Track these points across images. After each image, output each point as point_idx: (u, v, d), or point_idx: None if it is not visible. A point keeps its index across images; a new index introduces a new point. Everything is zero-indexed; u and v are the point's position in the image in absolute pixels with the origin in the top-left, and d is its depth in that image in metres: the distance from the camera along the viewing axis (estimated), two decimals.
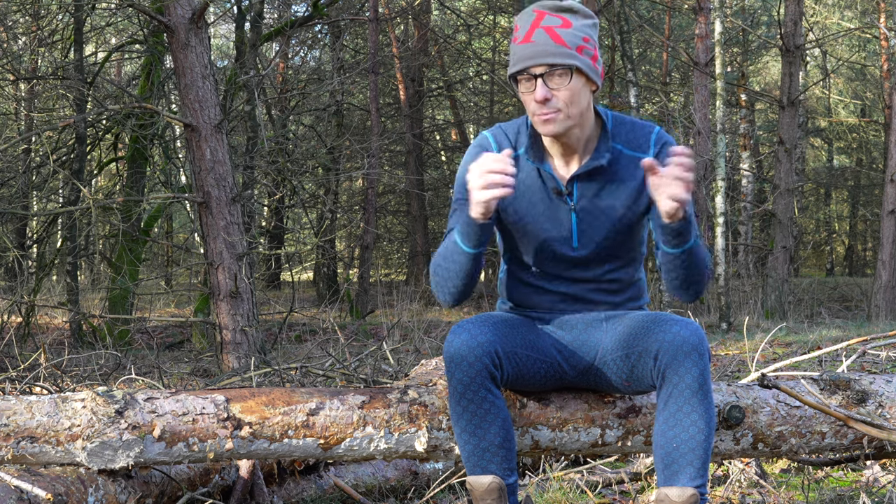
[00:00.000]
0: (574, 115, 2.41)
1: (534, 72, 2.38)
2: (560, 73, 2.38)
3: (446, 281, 2.49)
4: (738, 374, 5.87)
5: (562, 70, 2.37)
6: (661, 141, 2.51)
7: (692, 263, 2.43)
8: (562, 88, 2.38)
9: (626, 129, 2.52)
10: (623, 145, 2.51)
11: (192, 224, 10.55)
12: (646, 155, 2.49)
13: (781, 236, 12.04)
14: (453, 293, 2.50)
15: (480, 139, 2.58)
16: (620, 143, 2.51)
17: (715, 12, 11.67)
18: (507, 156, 2.30)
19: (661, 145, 2.51)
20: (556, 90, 2.38)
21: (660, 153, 2.50)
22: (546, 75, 2.38)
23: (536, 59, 2.37)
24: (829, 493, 3.38)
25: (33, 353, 5.71)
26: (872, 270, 18.07)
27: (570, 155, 2.50)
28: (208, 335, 8.98)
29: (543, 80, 2.38)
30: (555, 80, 2.38)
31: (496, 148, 2.53)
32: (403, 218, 19.30)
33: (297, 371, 4.91)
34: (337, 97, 14.22)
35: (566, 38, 2.38)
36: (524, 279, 2.61)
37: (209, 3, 6.72)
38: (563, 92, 2.38)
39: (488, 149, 2.53)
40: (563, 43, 2.38)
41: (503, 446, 2.41)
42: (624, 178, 2.50)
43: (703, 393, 2.34)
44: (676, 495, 2.34)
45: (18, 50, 10.73)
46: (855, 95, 21.35)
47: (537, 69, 2.38)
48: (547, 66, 2.37)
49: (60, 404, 2.42)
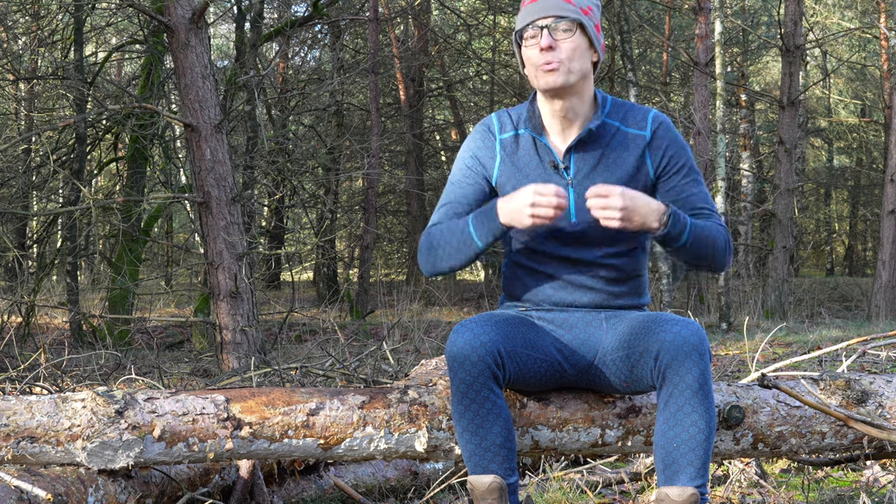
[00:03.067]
0: (575, 70, 2.49)
1: (540, 23, 2.48)
2: (565, 27, 2.48)
3: (442, 259, 2.56)
4: (738, 374, 5.87)
5: (567, 24, 2.47)
6: (658, 121, 2.58)
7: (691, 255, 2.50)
8: (566, 40, 2.47)
9: (624, 109, 2.59)
10: (621, 122, 2.57)
11: (192, 224, 10.54)
12: (643, 132, 2.56)
13: (781, 236, 12.04)
14: (442, 270, 2.58)
15: (485, 119, 2.67)
16: (618, 120, 2.58)
17: (715, 12, 11.67)
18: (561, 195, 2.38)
19: (658, 125, 2.57)
20: (560, 41, 2.47)
21: (657, 131, 2.56)
22: (551, 27, 2.47)
23: (545, 11, 2.48)
24: (829, 493, 3.38)
25: (33, 353, 5.71)
26: (872, 270, 18.07)
27: (567, 129, 2.56)
28: (208, 335, 8.98)
29: (549, 30, 2.47)
30: (559, 32, 2.48)
31: (497, 126, 2.62)
32: (403, 218, 19.30)
33: (297, 371, 4.91)
34: (337, 97, 14.22)
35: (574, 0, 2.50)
36: (524, 264, 2.62)
37: (209, 3, 6.71)
38: (567, 43, 2.48)
39: (490, 127, 2.63)
40: (570, 2, 2.49)
41: (504, 446, 2.41)
42: (621, 153, 2.55)
43: (704, 393, 2.34)
44: (676, 495, 2.34)
45: (18, 50, 10.73)
46: (855, 95, 21.35)
47: (543, 21, 2.48)
48: (553, 17, 2.47)
49: (60, 404, 2.42)
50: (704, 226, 2.49)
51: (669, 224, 2.42)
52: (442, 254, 2.55)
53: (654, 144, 2.56)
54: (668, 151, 2.56)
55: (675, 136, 2.58)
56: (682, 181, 2.57)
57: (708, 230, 2.49)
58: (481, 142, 2.62)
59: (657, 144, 2.56)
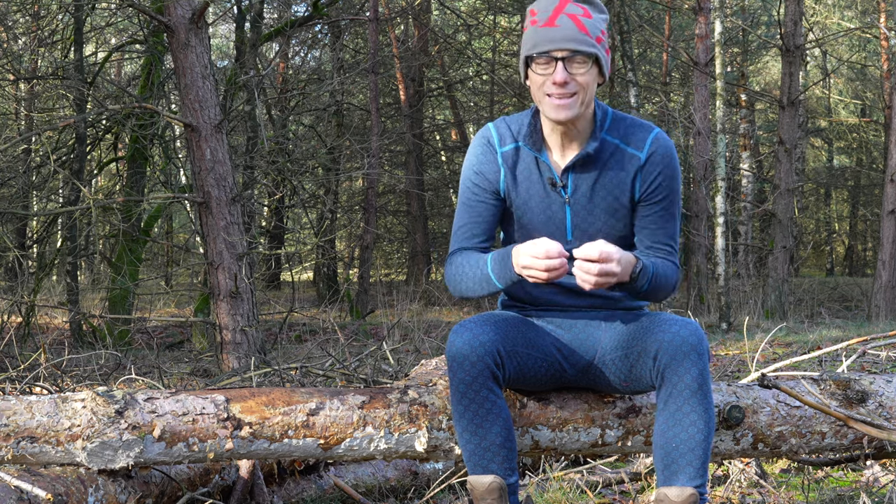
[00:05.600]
0: (585, 102, 2.46)
1: (556, 55, 2.42)
2: (581, 60, 2.43)
3: (468, 291, 2.58)
4: (738, 374, 5.87)
5: (583, 57, 2.43)
6: (657, 145, 2.53)
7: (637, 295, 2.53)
8: (580, 74, 2.43)
9: (625, 125, 2.55)
10: (620, 140, 2.53)
11: (192, 224, 10.54)
12: (639, 153, 2.52)
13: (781, 236, 12.04)
14: (470, 298, 2.62)
15: (483, 131, 2.63)
16: (617, 137, 2.54)
17: (715, 12, 11.67)
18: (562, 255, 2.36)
19: (655, 149, 2.52)
20: (575, 75, 2.43)
21: (652, 156, 2.52)
22: (567, 60, 2.42)
23: (561, 42, 2.42)
24: (829, 493, 3.38)
25: (33, 353, 5.71)
26: (872, 270, 18.06)
27: (567, 146, 2.53)
28: (208, 335, 8.98)
29: (564, 63, 2.42)
30: (575, 65, 2.43)
31: (497, 139, 2.58)
32: (403, 218, 19.29)
33: (297, 371, 4.91)
34: (337, 97, 14.22)
35: (588, 28, 2.44)
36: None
37: (209, 3, 6.71)
38: (582, 78, 2.44)
39: (490, 140, 2.59)
40: (586, 31, 2.43)
41: (504, 446, 2.41)
42: (618, 172, 2.53)
43: (703, 393, 2.34)
44: (676, 495, 2.34)
45: (18, 50, 10.73)
46: (855, 95, 21.34)
47: (560, 52, 2.42)
48: (570, 50, 2.42)
49: (60, 404, 2.42)
50: (662, 270, 2.50)
51: (637, 278, 2.43)
52: (466, 287, 2.57)
53: (645, 169, 2.52)
54: (656, 180, 2.52)
55: (667, 165, 2.53)
56: (658, 213, 2.54)
57: (662, 275, 2.50)
58: (483, 156, 2.59)
59: (649, 170, 2.52)
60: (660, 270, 2.49)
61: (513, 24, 17.74)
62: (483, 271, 2.51)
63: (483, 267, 2.51)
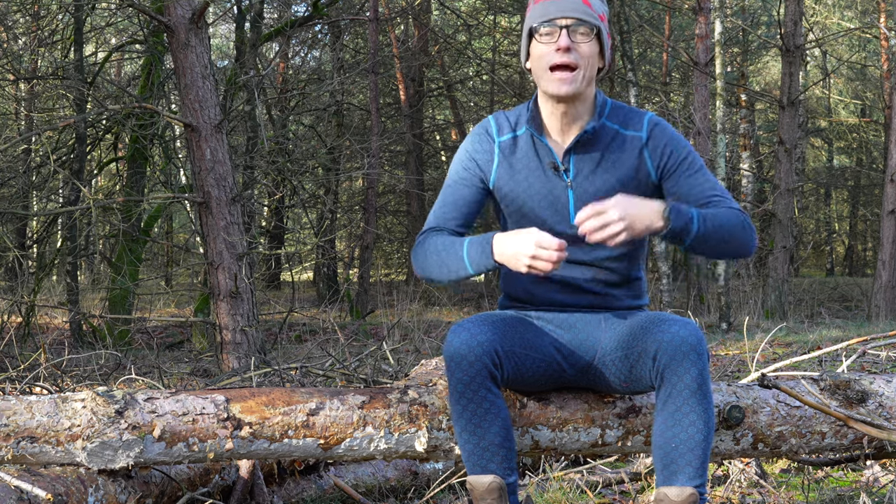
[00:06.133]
0: (588, 77, 2.48)
1: (560, 23, 2.44)
2: (585, 31, 2.45)
3: (433, 270, 2.53)
4: (738, 374, 5.87)
5: (587, 28, 2.45)
6: (654, 122, 2.57)
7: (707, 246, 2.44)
8: (584, 44, 2.45)
9: (622, 112, 2.58)
10: (619, 125, 2.56)
11: (192, 224, 10.54)
12: (639, 134, 2.55)
13: (781, 236, 12.04)
14: (431, 279, 2.56)
15: (483, 122, 2.64)
16: (616, 123, 2.57)
17: (715, 12, 11.67)
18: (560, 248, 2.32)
19: (654, 125, 2.56)
20: (578, 44, 2.45)
21: (653, 131, 2.55)
22: (571, 28, 2.45)
23: (566, 11, 2.45)
24: (829, 493, 3.38)
25: (33, 353, 5.71)
26: (872, 270, 18.06)
27: (567, 130, 2.55)
28: (208, 335, 8.98)
29: (568, 31, 2.44)
30: (578, 35, 2.45)
31: (495, 129, 2.60)
32: (403, 218, 19.29)
33: (297, 371, 4.91)
34: (337, 97, 14.22)
35: (593, 4, 2.48)
36: None
37: (209, 3, 6.71)
38: (585, 47, 2.46)
39: (488, 130, 2.61)
40: (589, 5, 2.47)
41: (503, 446, 2.41)
42: (620, 155, 2.54)
43: (702, 393, 2.34)
44: (675, 495, 2.34)
45: (18, 50, 10.73)
46: (855, 95, 21.34)
47: (565, 20, 2.44)
48: (575, 19, 2.44)
49: (60, 404, 2.42)
50: (715, 213, 2.43)
51: (672, 219, 2.36)
52: (433, 265, 2.53)
53: (651, 144, 2.54)
54: (666, 149, 2.54)
55: (671, 134, 2.56)
56: (686, 175, 2.53)
57: (719, 217, 2.43)
58: (479, 144, 2.60)
59: (654, 144, 2.54)
60: (710, 213, 2.42)
61: (513, 24, 17.75)
62: (458, 254, 2.47)
63: (458, 250, 2.48)
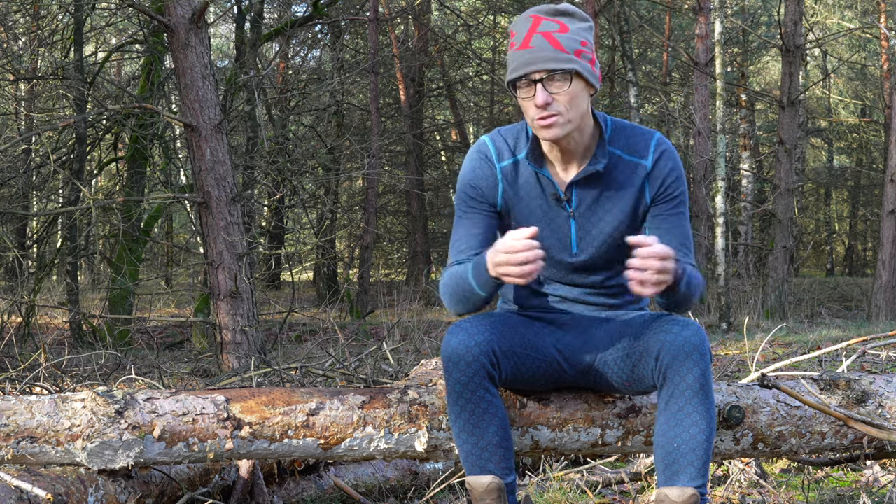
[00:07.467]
0: (574, 118, 2.40)
1: (533, 77, 2.37)
2: (560, 78, 2.36)
3: (460, 305, 2.51)
4: (738, 374, 5.86)
5: (561, 75, 2.36)
6: (661, 148, 2.50)
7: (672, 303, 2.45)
8: (562, 93, 2.37)
9: (625, 135, 2.51)
10: (622, 150, 2.50)
11: (192, 224, 10.54)
12: (644, 161, 2.49)
13: (781, 236, 12.04)
14: (463, 313, 2.53)
15: (479, 145, 2.57)
16: (619, 148, 2.50)
17: (715, 12, 11.67)
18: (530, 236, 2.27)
19: (661, 152, 2.50)
20: (556, 95, 2.37)
21: (658, 161, 2.49)
22: (546, 80, 2.36)
23: (536, 64, 2.36)
24: (829, 493, 3.38)
25: (33, 353, 5.71)
26: (872, 270, 18.06)
27: (568, 161, 2.50)
28: (208, 335, 8.98)
29: (543, 84, 2.36)
30: (555, 85, 2.37)
31: (495, 153, 2.53)
32: (403, 218, 19.30)
33: (297, 371, 4.91)
34: (337, 97, 14.23)
35: (564, 43, 2.37)
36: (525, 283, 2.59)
37: (209, 3, 6.71)
38: (563, 96, 2.37)
39: (487, 154, 2.53)
40: (561, 48, 2.37)
41: (501, 445, 2.41)
42: (622, 183, 2.49)
43: (704, 393, 2.34)
44: (676, 495, 2.33)
45: (18, 50, 10.73)
46: (855, 95, 21.35)
47: (537, 74, 2.37)
48: (546, 71, 2.36)
49: (60, 404, 2.42)
50: (694, 275, 2.43)
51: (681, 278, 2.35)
52: (453, 298, 2.51)
53: (653, 174, 2.49)
54: (665, 181, 2.50)
55: (674, 166, 2.51)
56: (668, 215, 2.51)
57: (694, 279, 2.43)
58: (480, 171, 2.53)
59: (657, 174, 2.49)
60: (689, 271, 2.42)
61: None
62: (466, 279, 2.44)
63: (465, 274, 2.45)
